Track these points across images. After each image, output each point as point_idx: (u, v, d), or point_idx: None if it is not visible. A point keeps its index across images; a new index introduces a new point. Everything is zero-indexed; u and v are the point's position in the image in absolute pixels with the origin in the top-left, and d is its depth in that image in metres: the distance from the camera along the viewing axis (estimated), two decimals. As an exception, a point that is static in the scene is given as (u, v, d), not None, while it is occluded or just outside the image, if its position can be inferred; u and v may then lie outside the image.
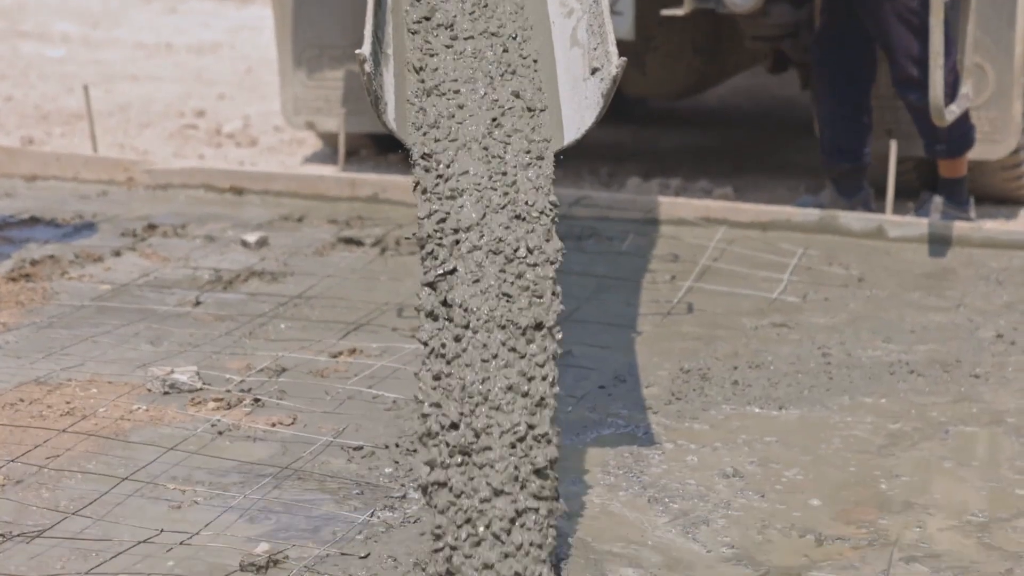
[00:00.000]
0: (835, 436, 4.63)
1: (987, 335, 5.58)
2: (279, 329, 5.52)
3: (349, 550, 3.77)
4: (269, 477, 4.20)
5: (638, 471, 4.33)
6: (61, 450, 4.32)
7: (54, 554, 3.71)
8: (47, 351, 5.16)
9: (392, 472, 4.26)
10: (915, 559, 3.84)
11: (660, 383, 5.06)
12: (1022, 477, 4.36)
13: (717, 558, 3.83)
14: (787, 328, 5.65)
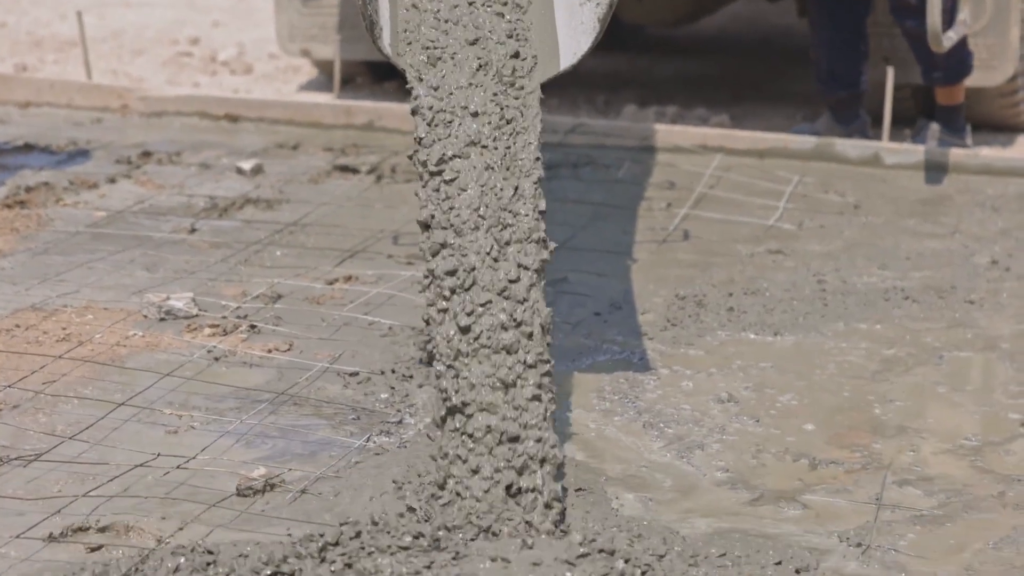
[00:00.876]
0: (830, 362, 4.64)
1: (982, 261, 5.59)
2: (275, 256, 5.52)
3: (345, 474, 3.79)
4: (265, 403, 4.21)
5: (633, 397, 4.35)
6: (57, 375, 4.32)
7: (51, 478, 3.73)
8: (42, 277, 5.16)
9: (388, 398, 4.27)
10: (908, 482, 3.85)
11: (656, 309, 5.07)
12: (1015, 401, 4.38)
13: (712, 482, 3.85)
14: (783, 255, 5.66)
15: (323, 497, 3.66)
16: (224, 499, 3.63)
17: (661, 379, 4.48)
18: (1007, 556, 3.48)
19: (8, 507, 3.56)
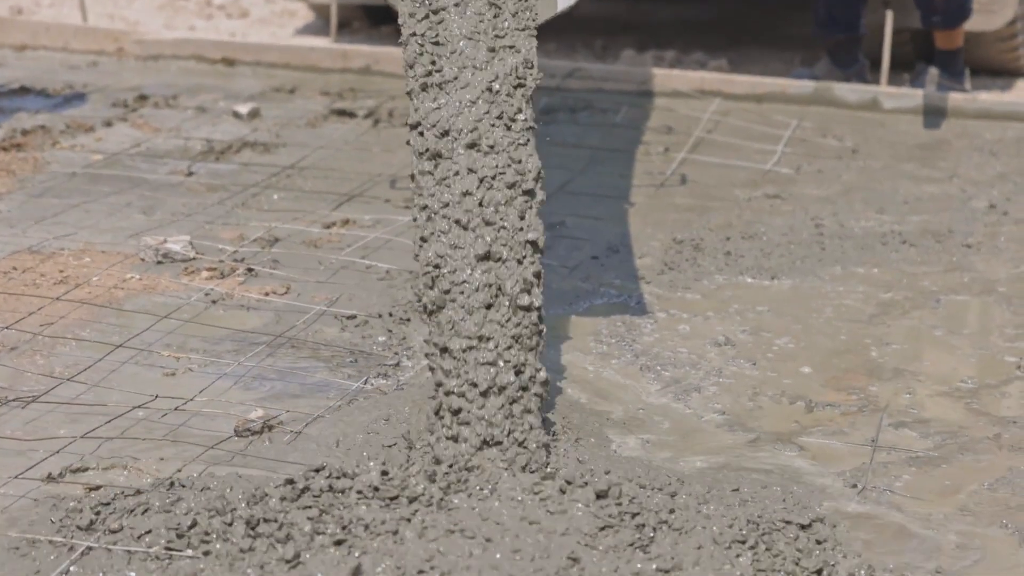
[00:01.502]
0: (827, 305, 4.65)
1: (980, 205, 5.59)
2: (272, 200, 5.51)
3: (344, 415, 3.79)
4: (263, 345, 4.21)
5: (630, 340, 4.35)
6: (55, 318, 4.33)
7: (49, 419, 3.73)
8: (39, 220, 5.16)
9: (385, 340, 4.27)
10: (904, 425, 3.86)
11: (653, 253, 5.07)
12: (1012, 344, 4.38)
13: (709, 424, 3.86)
14: (780, 199, 5.66)
15: (320, 438, 3.66)
16: (222, 440, 3.64)
17: (658, 323, 4.49)
18: (1002, 497, 3.49)
19: (7, 447, 3.57)
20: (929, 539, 3.29)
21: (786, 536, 3.17)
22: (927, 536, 3.31)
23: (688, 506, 3.23)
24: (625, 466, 3.46)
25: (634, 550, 3.04)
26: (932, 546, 3.26)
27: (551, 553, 3.03)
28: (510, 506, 3.18)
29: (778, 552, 3.11)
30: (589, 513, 3.14)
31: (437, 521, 3.11)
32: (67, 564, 3.01)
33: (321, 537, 3.05)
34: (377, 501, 3.18)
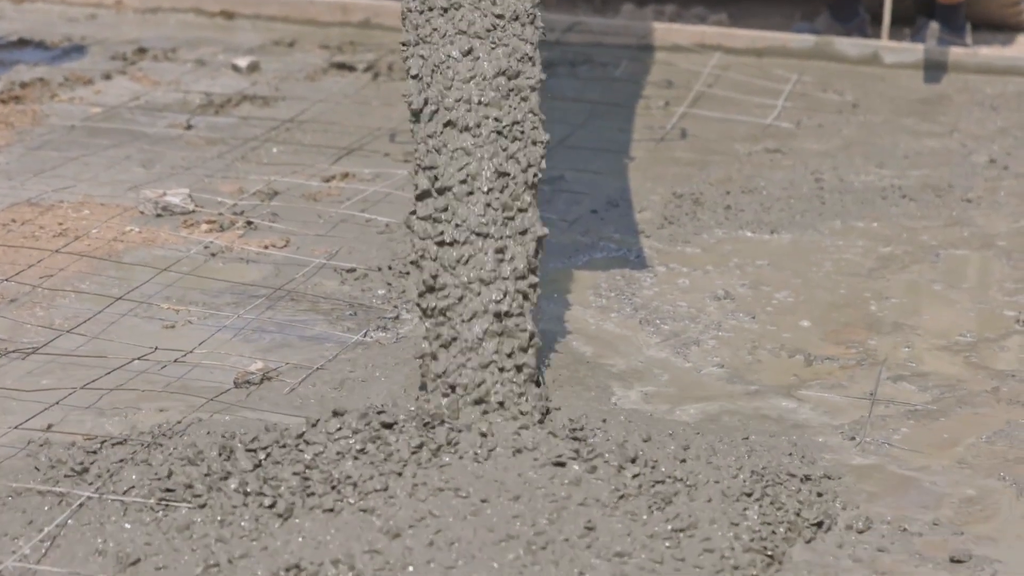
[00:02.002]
0: (826, 259, 4.65)
1: (980, 160, 5.58)
2: (271, 153, 5.50)
3: (342, 367, 3.80)
4: (262, 298, 4.21)
5: (630, 294, 4.35)
6: (54, 270, 4.33)
7: (49, 370, 3.74)
8: (38, 172, 5.15)
9: (385, 294, 4.27)
10: (903, 378, 3.87)
11: (653, 207, 5.06)
12: (1011, 299, 4.38)
13: (709, 377, 3.86)
14: (780, 154, 5.65)
15: (319, 390, 3.67)
16: (222, 392, 3.64)
17: (658, 276, 4.49)
18: (1000, 450, 3.50)
19: (7, 399, 3.58)
20: (927, 492, 3.30)
21: (788, 489, 3.18)
22: (925, 489, 3.31)
23: (699, 457, 3.25)
24: (633, 419, 3.48)
25: (650, 511, 3.04)
26: (930, 498, 3.27)
27: (564, 517, 3.03)
28: (510, 464, 3.19)
29: (781, 504, 3.12)
30: (604, 474, 3.13)
31: (429, 478, 3.11)
32: (64, 517, 3.01)
33: (312, 498, 3.06)
34: (371, 456, 3.18)
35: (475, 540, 2.93)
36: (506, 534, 2.94)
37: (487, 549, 2.91)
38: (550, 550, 2.90)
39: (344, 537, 2.92)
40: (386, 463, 3.14)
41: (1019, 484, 3.33)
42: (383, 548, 2.88)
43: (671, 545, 2.93)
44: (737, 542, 2.95)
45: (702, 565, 2.90)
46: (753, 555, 2.93)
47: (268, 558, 2.86)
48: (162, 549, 2.92)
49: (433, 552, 2.89)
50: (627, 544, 2.92)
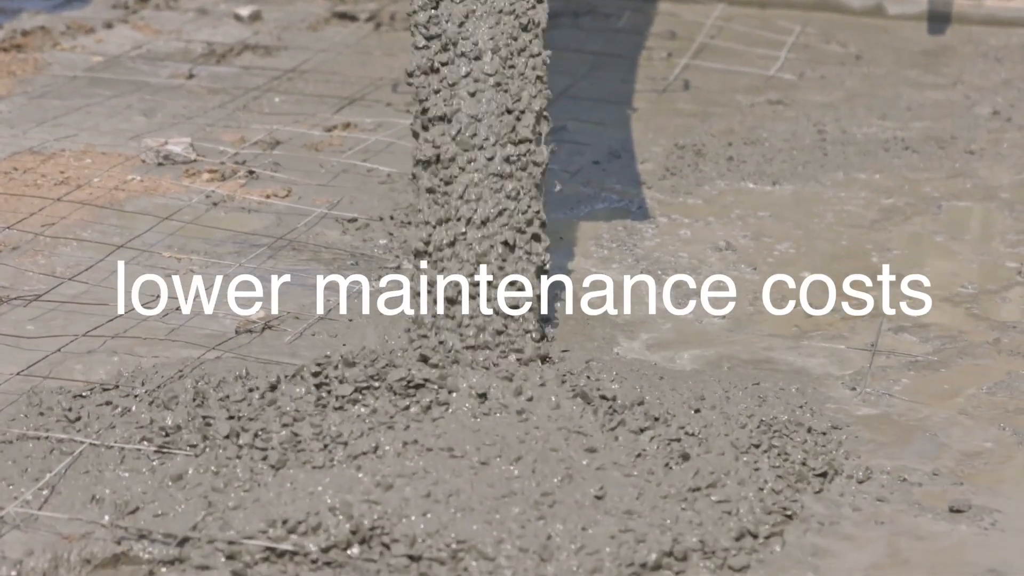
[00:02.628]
0: (828, 211, 4.65)
1: (983, 112, 5.57)
2: (273, 103, 5.50)
3: (343, 316, 3.80)
4: (264, 247, 4.21)
5: (631, 244, 4.35)
6: (56, 218, 4.33)
7: (51, 317, 3.74)
8: (40, 121, 5.14)
9: (386, 244, 4.27)
10: (904, 329, 3.87)
11: (655, 159, 5.06)
12: (1013, 250, 4.38)
13: (711, 327, 3.86)
14: (783, 105, 5.64)
15: (319, 338, 3.67)
16: (223, 341, 3.64)
17: (659, 227, 4.48)
18: (1000, 400, 3.50)
19: (8, 346, 3.58)
20: (927, 442, 3.31)
21: (793, 440, 3.19)
22: (925, 439, 3.32)
23: (714, 406, 3.26)
24: (642, 371, 3.49)
25: (667, 469, 3.03)
26: (930, 449, 3.28)
27: (575, 478, 3.04)
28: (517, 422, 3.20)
29: (787, 455, 3.13)
30: (624, 431, 3.14)
31: (423, 431, 3.11)
32: (65, 465, 3.02)
33: (302, 451, 3.06)
34: (367, 403, 3.19)
35: (475, 495, 2.94)
36: (509, 490, 2.93)
37: (489, 504, 2.91)
38: (557, 508, 2.90)
39: (336, 488, 2.92)
40: (373, 416, 3.15)
41: (1019, 434, 3.34)
42: (379, 498, 2.88)
43: (686, 507, 2.92)
44: (759, 504, 2.94)
45: (722, 525, 2.89)
46: (771, 516, 2.93)
47: (262, 509, 2.87)
48: (159, 497, 2.93)
49: (429, 504, 2.89)
50: (638, 504, 2.92)
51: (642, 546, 2.78)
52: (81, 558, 2.74)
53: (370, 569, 2.73)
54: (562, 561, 2.75)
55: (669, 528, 2.84)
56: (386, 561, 2.75)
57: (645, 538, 2.80)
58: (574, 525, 2.82)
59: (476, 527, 2.81)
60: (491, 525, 2.82)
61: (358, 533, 2.79)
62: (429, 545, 2.78)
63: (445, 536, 2.79)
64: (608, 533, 2.80)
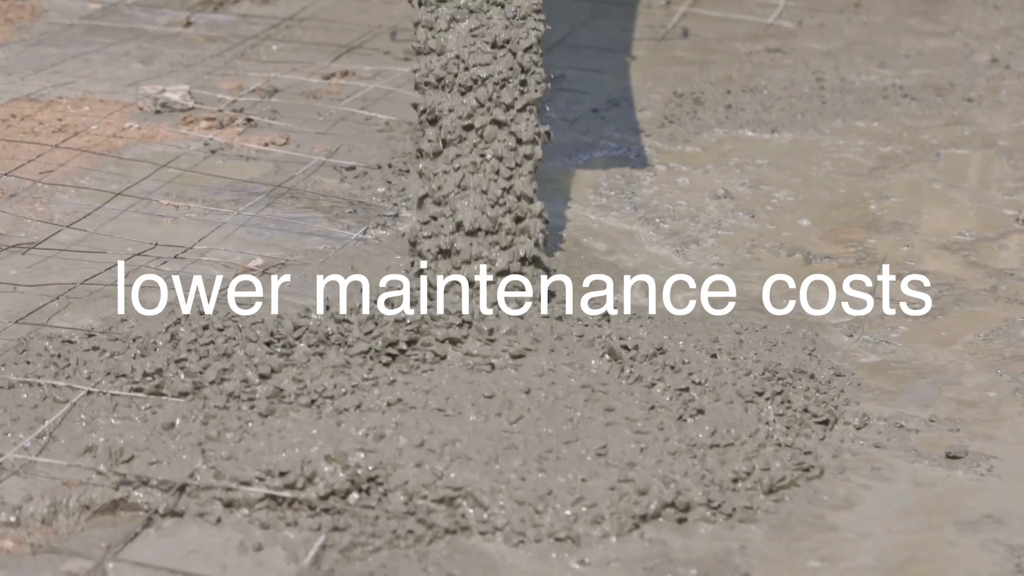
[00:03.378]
0: (826, 159, 4.64)
1: (982, 59, 5.56)
2: (271, 51, 5.48)
3: (342, 263, 3.80)
4: (262, 195, 4.21)
5: (630, 192, 4.35)
6: (54, 165, 4.32)
7: (49, 264, 3.74)
8: (38, 68, 5.13)
9: (384, 192, 4.27)
10: (902, 277, 3.88)
11: (653, 107, 5.05)
12: (1011, 198, 4.39)
13: (708, 275, 3.87)
14: (782, 53, 5.63)
15: (311, 287, 3.68)
16: (221, 288, 3.64)
17: (658, 175, 4.48)
18: (997, 347, 3.51)
19: (7, 292, 3.58)
20: (924, 389, 3.32)
21: (795, 388, 3.19)
22: (922, 386, 3.33)
23: (728, 351, 3.26)
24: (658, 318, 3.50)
25: (680, 422, 3.03)
26: (927, 395, 3.29)
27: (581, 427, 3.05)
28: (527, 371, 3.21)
29: (790, 403, 3.14)
30: (640, 386, 3.14)
31: (411, 384, 3.12)
32: (62, 414, 3.03)
33: (297, 397, 3.07)
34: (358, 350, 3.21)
35: (473, 446, 2.95)
36: (511, 443, 2.93)
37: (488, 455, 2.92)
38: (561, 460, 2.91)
39: (327, 438, 2.92)
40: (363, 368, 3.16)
41: (1016, 381, 3.35)
42: (375, 447, 2.89)
43: (695, 461, 2.91)
44: (768, 457, 2.94)
45: (726, 477, 2.89)
46: (779, 470, 2.93)
47: (255, 458, 2.87)
48: (152, 445, 2.92)
49: (424, 454, 2.90)
50: (642, 457, 2.92)
51: (643, 498, 2.79)
52: (80, 504, 2.75)
53: (368, 515, 2.74)
54: (558, 510, 2.76)
55: (674, 480, 2.83)
56: (384, 507, 2.76)
57: (647, 489, 2.80)
58: (574, 476, 2.82)
59: (475, 476, 2.82)
60: (488, 475, 2.82)
61: (356, 482, 2.80)
62: (425, 494, 2.78)
63: (441, 485, 2.79)
64: (608, 484, 2.80)
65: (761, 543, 2.74)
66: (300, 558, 2.62)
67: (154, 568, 2.58)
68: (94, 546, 2.63)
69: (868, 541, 2.77)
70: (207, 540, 2.68)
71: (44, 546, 2.63)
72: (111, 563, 2.59)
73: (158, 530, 2.71)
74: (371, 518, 2.74)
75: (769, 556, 2.71)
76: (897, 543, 2.76)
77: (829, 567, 2.70)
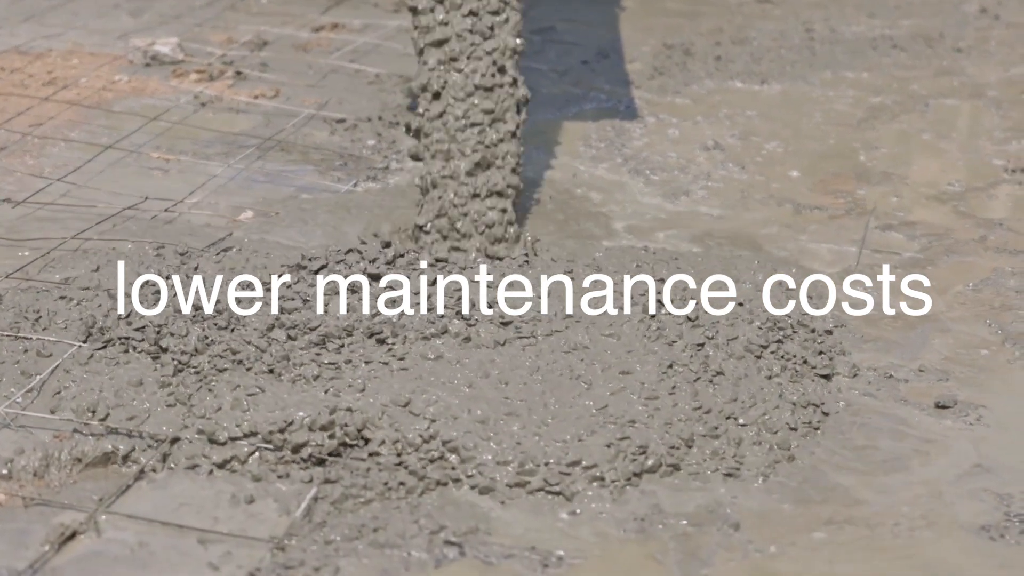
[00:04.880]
0: (816, 110, 4.65)
1: (971, 9, 5.56)
2: (260, 3, 5.47)
3: (334, 214, 3.80)
4: (252, 148, 4.21)
5: (620, 144, 4.35)
6: (44, 118, 4.32)
7: (39, 216, 3.74)
8: (27, 19, 5.12)
9: (375, 144, 4.27)
10: (891, 227, 3.88)
11: (643, 58, 5.05)
12: (1000, 148, 4.39)
13: (698, 223, 3.87)
14: (771, 4, 5.62)
15: (297, 241, 3.68)
16: (213, 242, 3.65)
17: (647, 127, 4.48)
18: (986, 297, 3.52)
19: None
20: (913, 339, 3.33)
21: (793, 341, 3.20)
22: (911, 336, 3.34)
23: (747, 300, 3.27)
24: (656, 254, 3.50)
25: (694, 386, 3.02)
26: (916, 345, 3.30)
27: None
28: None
29: (791, 356, 3.14)
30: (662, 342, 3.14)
31: (409, 353, 3.12)
32: (48, 373, 3.03)
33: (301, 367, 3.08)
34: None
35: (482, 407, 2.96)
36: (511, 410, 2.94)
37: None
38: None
39: (315, 399, 2.93)
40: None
41: (1005, 331, 3.36)
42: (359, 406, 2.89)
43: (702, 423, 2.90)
44: (775, 419, 2.94)
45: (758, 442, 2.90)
46: (785, 431, 2.93)
47: (242, 414, 2.87)
48: (123, 401, 2.91)
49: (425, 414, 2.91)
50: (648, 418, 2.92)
51: (641, 456, 2.78)
52: (72, 457, 2.76)
53: (360, 467, 2.76)
54: (551, 466, 2.76)
55: (675, 445, 2.83)
56: (376, 460, 2.77)
57: (646, 448, 2.80)
58: (573, 434, 2.81)
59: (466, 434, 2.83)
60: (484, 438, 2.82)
61: (344, 441, 2.79)
62: (416, 449, 2.78)
63: (434, 442, 2.79)
64: (606, 441, 2.80)
65: (752, 495, 2.75)
66: (292, 510, 2.64)
67: (147, 521, 2.59)
68: (86, 499, 2.64)
69: (855, 492, 2.78)
70: (199, 493, 2.69)
71: (36, 499, 2.64)
72: (103, 515, 2.60)
73: (150, 483, 2.72)
74: (363, 470, 2.75)
75: (760, 508, 2.72)
76: (884, 491, 2.78)
77: (831, 530, 2.72)
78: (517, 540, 2.57)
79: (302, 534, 2.56)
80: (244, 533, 2.56)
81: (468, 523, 2.62)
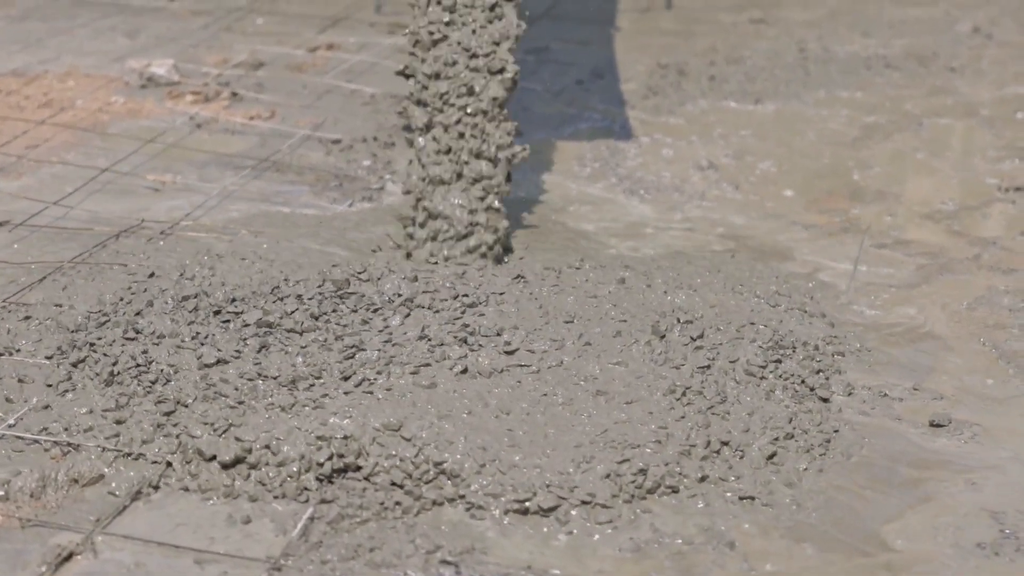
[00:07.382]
0: (810, 129, 4.66)
1: (964, 29, 5.58)
2: (256, 24, 5.48)
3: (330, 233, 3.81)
4: (248, 169, 4.22)
5: (614, 164, 4.37)
6: (40, 141, 4.33)
7: (35, 239, 3.74)
8: (23, 43, 5.13)
9: (370, 164, 4.29)
10: (885, 246, 3.90)
11: (637, 78, 5.07)
12: (993, 167, 4.41)
13: (691, 239, 3.88)
14: (765, 24, 5.64)
15: (292, 258, 3.69)
16: (178, 276, 3.65)
17: (642, 147, 4.50)
18: (980, 315, 3.53)
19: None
20: (907, 358, 3.33)
21: (792, 360, 3.20)
22: (906, 355, 3.35)
23: (736, 290, 3.26)
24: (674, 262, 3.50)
25: (693, 407, 3.00)
26: (910, 365, 3.31)
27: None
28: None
29: (789, 375, 3.14)
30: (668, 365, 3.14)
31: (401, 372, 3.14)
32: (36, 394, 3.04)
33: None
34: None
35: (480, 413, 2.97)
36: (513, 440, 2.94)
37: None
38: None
39: (311, 425, 2.94)
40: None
41: (999, 349, 3.37)
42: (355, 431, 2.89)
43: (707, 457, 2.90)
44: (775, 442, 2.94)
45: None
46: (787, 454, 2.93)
47: (240, 431, 2.88)
48: (134, 419, 2.93)
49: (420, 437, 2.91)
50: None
51: (641, 477, 2.78)
52: (68, 478, 2.77)
53: (356, 488, 2.76)
54: (546, 487, 2.77)
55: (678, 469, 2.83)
56: (372, 482, 2.78)
57: (645, 471, 2.80)
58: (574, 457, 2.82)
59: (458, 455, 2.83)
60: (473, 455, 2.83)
61: (338, 466, 2.79)
62: (410, 473, 2.79)
63: (426, 465, 2.79)
64: (605, 467, 2.80)
65: (749, 514, 2.76)
66: (288, 530, 2.64)
67: (143, 541, 2.60)
68: (83, 520, 2.65)
69: (852, 511, 2.79)
70: (195, 513, 2.70)
71: (33, 519, 2.65)
72: (100, 536, 2.61)
73: (147, 503, 2.72)
74: (359, 490, 2.76)
75: (756, 527, 2.73)
76: (881, 515, 2.78)
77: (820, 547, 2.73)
78: (513, 560, 2.57)
79: (298, 554, 2.57)
80: (240, 553, 2.57)
81: (464, 543, 2.63)
